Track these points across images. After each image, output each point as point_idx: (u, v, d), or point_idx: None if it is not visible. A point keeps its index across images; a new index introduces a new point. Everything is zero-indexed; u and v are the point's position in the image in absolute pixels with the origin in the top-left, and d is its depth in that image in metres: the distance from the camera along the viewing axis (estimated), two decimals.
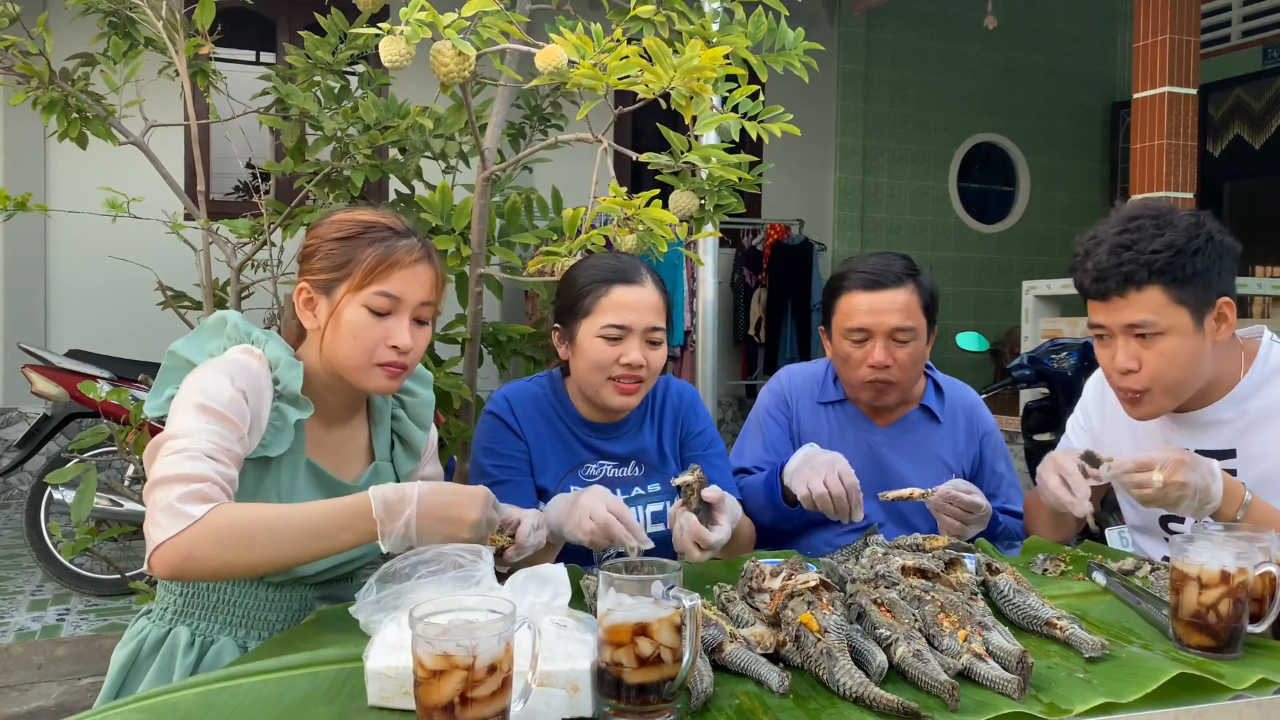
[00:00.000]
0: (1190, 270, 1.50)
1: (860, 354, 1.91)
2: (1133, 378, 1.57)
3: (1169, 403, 1.59)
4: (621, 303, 1.67)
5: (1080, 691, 1.06)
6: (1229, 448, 1.61)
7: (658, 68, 1.67)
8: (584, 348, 1.69)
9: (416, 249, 1.42)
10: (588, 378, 1.70)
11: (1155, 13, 4.76)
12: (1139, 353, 1.55)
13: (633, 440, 1.80)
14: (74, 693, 3.19)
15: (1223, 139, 7.94)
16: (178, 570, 1.20)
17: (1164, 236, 1.50)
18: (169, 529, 1.19)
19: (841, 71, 7.85)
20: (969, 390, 2.11)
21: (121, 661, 1.43)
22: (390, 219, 1.45)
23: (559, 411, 1.78)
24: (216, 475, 1.25)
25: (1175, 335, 1.52)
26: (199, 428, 1.27)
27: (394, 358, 1.41)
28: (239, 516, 1.22)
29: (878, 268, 1.92)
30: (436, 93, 1.82)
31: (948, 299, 8.34)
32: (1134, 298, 1.53)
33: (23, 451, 4.12)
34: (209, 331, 1.45)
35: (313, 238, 1.45)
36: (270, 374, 1.39)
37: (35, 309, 5.70)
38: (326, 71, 2.35)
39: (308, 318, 1.44)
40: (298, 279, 1.46)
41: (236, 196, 6.10)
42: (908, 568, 1.31)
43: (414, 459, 1.59)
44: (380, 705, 1.03)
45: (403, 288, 1.40)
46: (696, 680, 1.04)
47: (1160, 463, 1.43)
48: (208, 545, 1.20)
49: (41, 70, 2.19)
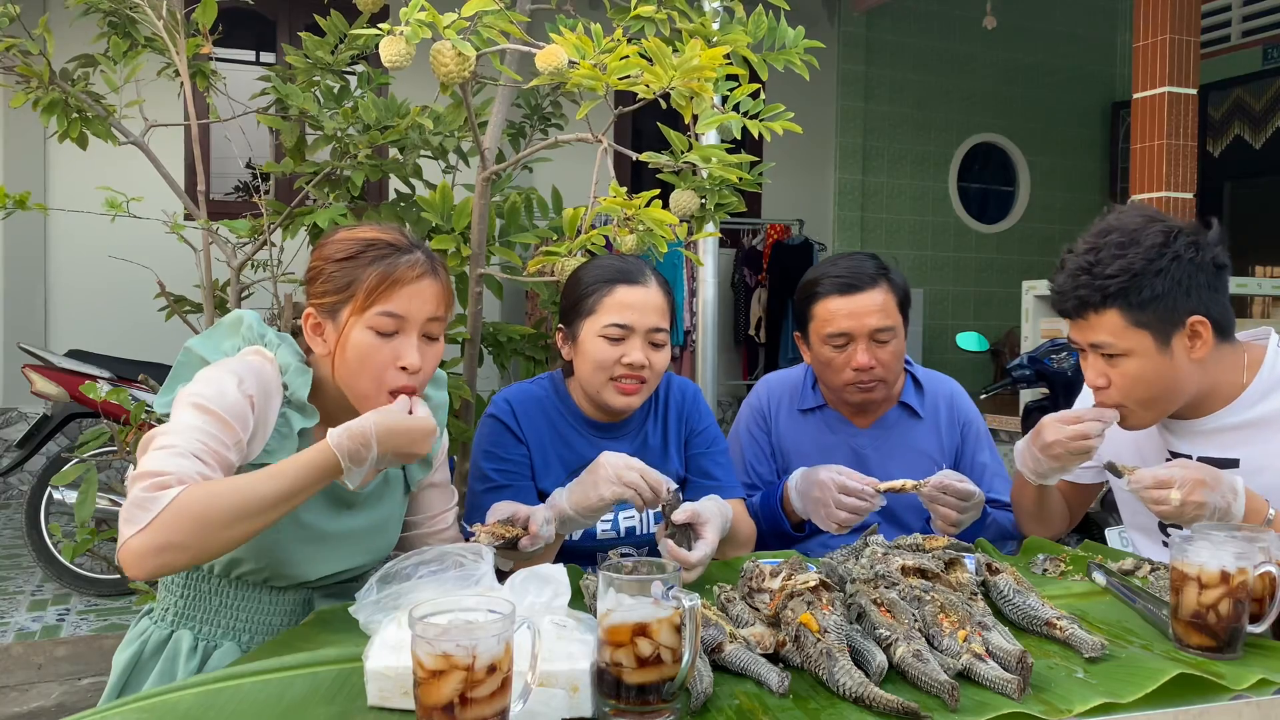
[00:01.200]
0: (1149, 293, 1.49)
1: (843, 358, 1.91)
2: (1103, 394, 1.58)
3: (1150, 416, 1.59)
4: (624, 302, 1.67)
5: (1080, 691, 1.06)
6: (1231, 457, 1.59)
7: (658, 68, 1.67)
8: (586, 347, 1.69)
9: (420, 264, 1.38)
10: (590, 377, 1.70)
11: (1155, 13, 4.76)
12: (1106, 370, 1.57)
13: (636, 439, 1.80)
14: (74, 693, 3.19)
15: (1223, 139, 7.94)
16: (160, 560, 1.13)
17: (1124, 258, 1.50)
18: (139, 520, 1.13)
19: (841, 71, 7.85)
20: (949, 381, 2.11)
21: (124, 664, 1.42)
22: (392, 235, 1.41)
23: (561, 412, 1.78)
24: (195, 475, 1.19)
25: (1137, 357, 1.53)
26: (192, 425, 1.24)
27: (404, 381, 1.37)
28: (206, 492, 1.16)
29: (850, 270, 1.92)
30: (436, 92, 1.82)
31: (947, 299, 8.38)
32: (1094, 320, 1.55)
33: (23, 451, 4.12)
34: (225, 330, 1.43)
35: (317, 259, 1.42)
36: (280, 378, 1.37)
37: (35, 309, 5.70)
38: (326, 72, 2.35)
39: (317, 344, 1.41)
40: (306, 302, 1.43)
41: (237, 196, 6.10)
42: (907, 568, 1.31)
43: (426, 466, 1.55)
44: (380, 705, 1.03)
45: (407, 305, 1.36)
46: (696, 680, 1.04)
47: (1179, 481, 1.42)
48: (183, 527, 1.13)
49: (42, 71, 2.19)
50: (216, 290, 2.36)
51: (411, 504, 1.58)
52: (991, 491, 1.98)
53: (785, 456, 2.04)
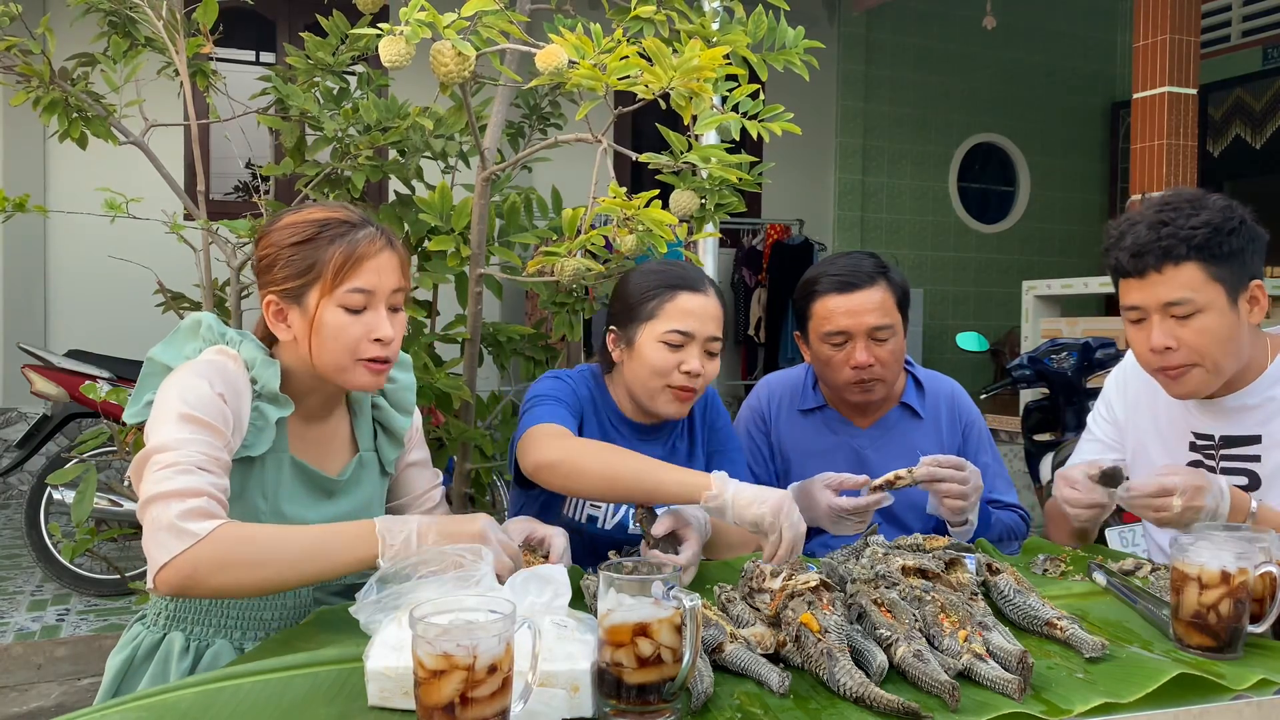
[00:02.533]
0: (1226, 249, 1.52)
1: (842, 356, 1.91)
2: (1170, 355, 1.57)
3: (1211, 380, 1.59)
4: (687, 309, 1.67)
5: (1080, 692, 1.06)
6: (1254, 433, 1.62)
7: (657, 68, 1.67)
8: (644, 352, 1.69)
9: (377, 237, 1.41)
10: (645, 382, 1.70)
11: (1155, 13, 4.76)
12: (1175, 331, 1.55)
13: (667, 444, 1.82)
14: (74, 693, 3.19)
15: (1223, 139, 7.94)
16: (181, 589, 1.19)
17: (1200, 215, 1.52)
18: (172, 548, 1.18)
19: (841, 71, 7.85)
20: (950, 382, 2.11)
21: (116, 668, 1.42)
22: (342, 212, 1.42)
23: (599, 405, 1.79)
24: (211, 488, 1.23)
25: (1212, 312, 1.53)
26: (185, 438, 1.26)
27: (378, 351, 1.40)
28: (244, 535, 1.22)
29: (848, 269, 1.92)
30: (436, 93, 1.82)
31: (947, 299, 8.39)
32: (1171, 274, 1.53)
33: (23, 451, 4.12)
34: (184, 335, 1.43)
35: (267, 246, 1.42)
36: (247, 374, 1.38)
37: (35, 309, 5.70)
38: (327, 72, 2.35)
39: (281, 329, 1.41)
40: (260, 291, 1.43)
41: (237, 196, 6.10)
42: (908, 568, 1.31)
43: (398, 446, 1.58)
44: (380, 705, 1.03)
45: (374, 279, 1.39)
46: (696, 680, 1.04)
47: (1180, 488, 1.44)
48: (212, 564, 1.18)
49: (42, 70, 2.19)
50: (216, 290, 2.36)
51: (396, 487, 1.60)
52: (994, 492, 1.98)
53: (786, 457, 2.04)
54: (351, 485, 1.50)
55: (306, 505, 1.44)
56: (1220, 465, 1.65)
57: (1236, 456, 1.64)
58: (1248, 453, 1.62)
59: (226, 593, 1.26)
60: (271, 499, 1.40)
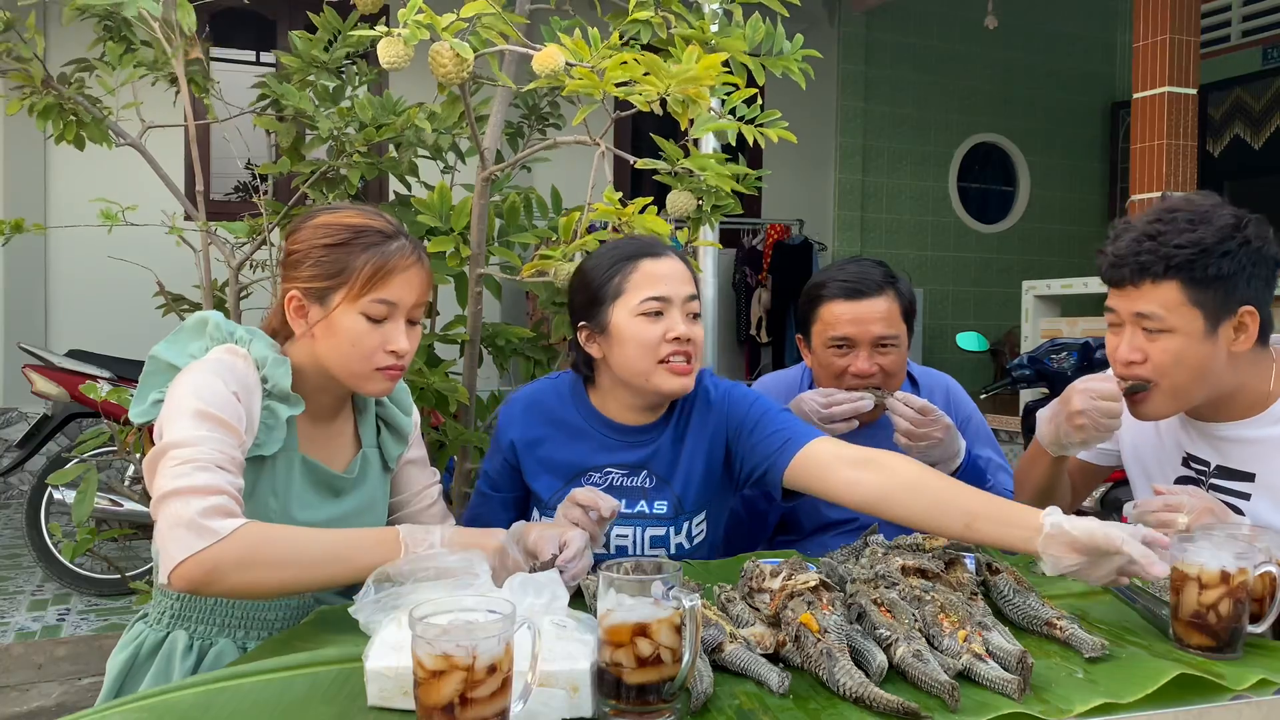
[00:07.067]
0: (1214, 272, 1.45)
1: (844, 362, 1.91)
2: (1135, 368, 1.53)
3: (1171, 405, 1.55)
4: (655, 274, 1.57)
5: (1080, 692, 1.06)
6: (1249, 470, 1.57)
7: (653, 76, 1.67)
8: (623, 332, 1.56)
9: (409, 252, 1.41)
10: (636, 364, 1.56)
11: (1155, 13, 4.76)
12: (1144, 346, 1.52)
13: (649, 448, 1.67)
14: (74, 693, 3.19)
15: (1223, 139, 7.94)
16: (200, 585, 1.18)
17: (1194, 233, 1.46)
18: (192, 545, 1.17)
19: (841, 72, 7.85)
20: (945, 378, 2.10)
21: (118, 667, 1.42)
22: (379, 221, 1.42)
23: (577, 411, 1.67)
24: (230, 486, 1.23)
25: (1181, 336, 1.48)
26: (201, 435, 1.25)
27: (393, 362, 1.41)
28: (268, 536, 1.22)
29: (857, 276, 1.91)
30: (435, 93, 1.82)
31: (947, 299, 8.39)
32: (1148, 289, 1.49)
33: (23, 451, 4.12)
34: (189, 333, 1.42)
35: (298, 243, 1.42)
36: (258, 373, 1.37)
37: (35, 309, 5.70)
38: (321, 70, 2.35)
39: (299, 324, 1.42)
40: (283, 284, 1.43)
41: (236, 197, 6.10)
42: (908, 568, 1.31)
43: (401, 443, 1.58)
44: (380, 705, 1.03)
45: (400, 293, 1.39)
46: (696, 680, 1.04)
47: (1189, 508, 1.41)
48: (233, 563, 1.18)
49: (36, 73, 2.19)
50: (215, 290, 2.36)
51: (395, 484, 1.60)
52: (997, 485, 1.98)
53: None
54: (357, 482, 1.50)
55: (315, 502, 1.44)
56: (1209, 492, 1.59)
57: (1227, 490, 1.59)
58: (1238, 488, 1.57)
59: (242, 592, 1.26)
60: (282, 497, 1.40)
